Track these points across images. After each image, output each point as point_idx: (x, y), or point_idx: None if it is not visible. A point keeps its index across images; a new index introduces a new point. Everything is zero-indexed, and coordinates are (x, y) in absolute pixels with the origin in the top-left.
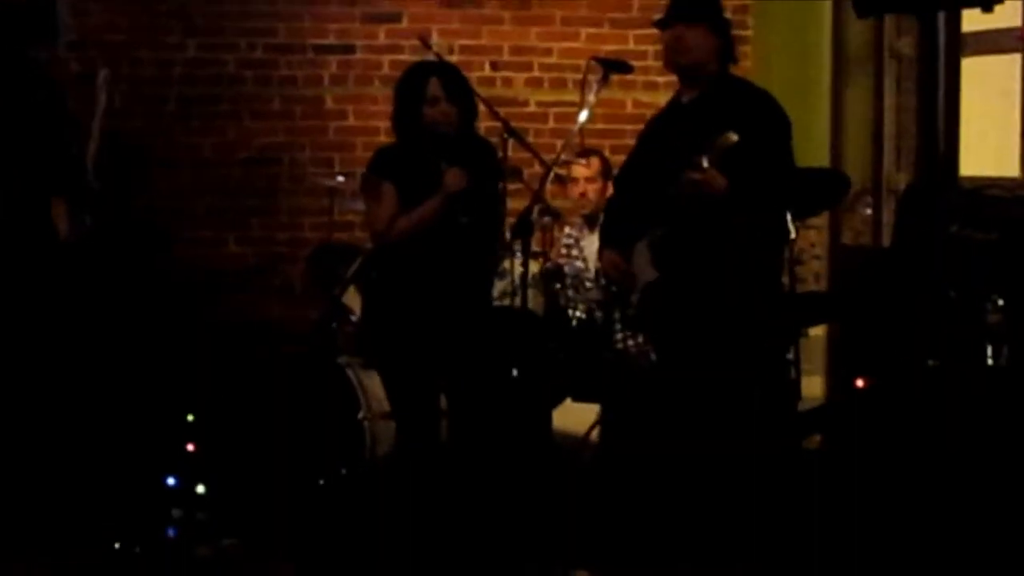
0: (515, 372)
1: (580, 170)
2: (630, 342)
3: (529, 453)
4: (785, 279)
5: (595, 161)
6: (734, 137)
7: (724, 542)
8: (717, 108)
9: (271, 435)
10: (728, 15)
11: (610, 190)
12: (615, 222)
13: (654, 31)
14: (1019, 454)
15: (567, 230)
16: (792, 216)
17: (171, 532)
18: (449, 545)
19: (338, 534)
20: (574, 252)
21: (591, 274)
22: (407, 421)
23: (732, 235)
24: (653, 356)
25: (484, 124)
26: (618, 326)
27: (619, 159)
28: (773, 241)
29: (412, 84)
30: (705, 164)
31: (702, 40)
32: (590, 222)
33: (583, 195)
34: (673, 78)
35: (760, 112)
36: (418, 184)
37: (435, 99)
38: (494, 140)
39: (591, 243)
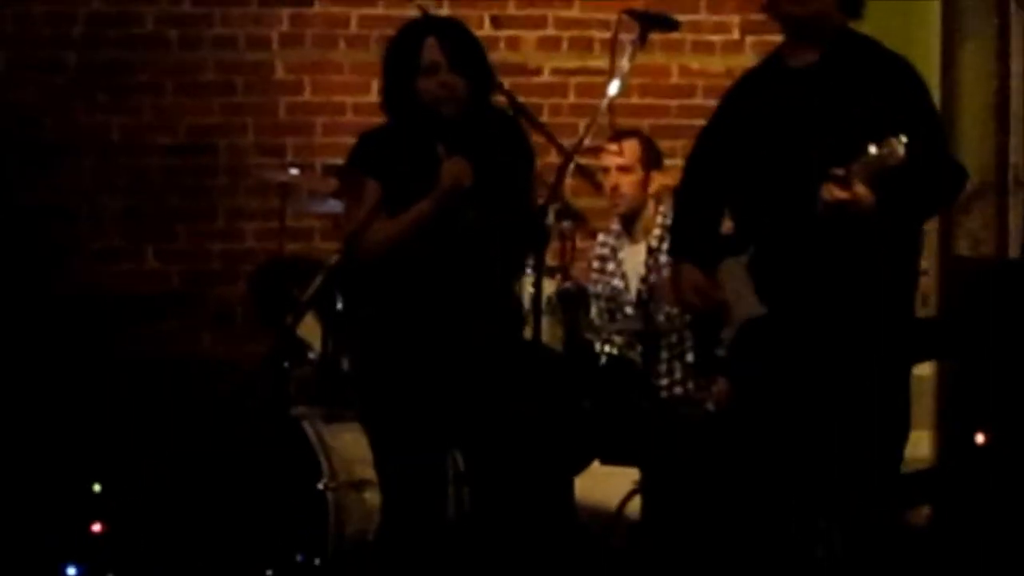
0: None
1: (612, 157)
2: (678, 388)
3: (546, 533)
4: None
5: (632, 145)
6: (901, 149)
7: None
8: (847, 79)
9: (204, 510)
10: None
11: (654, 182)
12: (690, 226)
13: None
14: None
15: (600, 237)
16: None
17: None
18: None
19: None
20: (609, 267)
21: (631, 296)
22: (403, 495)
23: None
24: (710, 406)
25: None
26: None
27: (664, 145)
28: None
29: (402, 49)
30: (843, 174)
31: None
32: (628, 226)
33: (615, 189)
34: (734, 36)
35: (904, 86)
36: (412, 181)
37: (433, 66)
38: None
39: (632, 255)
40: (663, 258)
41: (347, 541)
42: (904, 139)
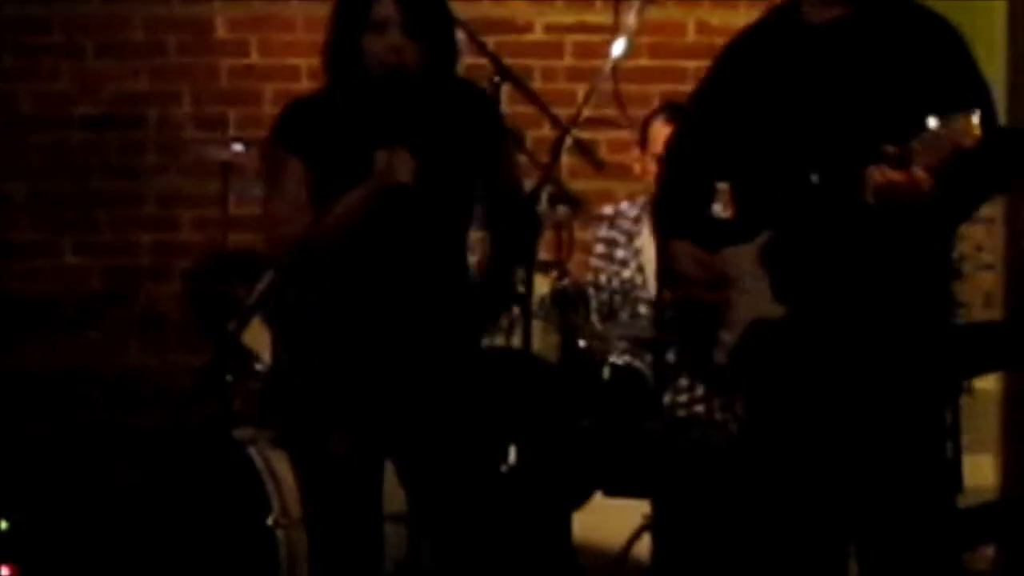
0: (512, 454)
1: (663, 128)
2: (698, 406)
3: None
4: None
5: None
6: (976, 128)
7: None
8: (881, 38)
9: (132, 551)
10: None
11: None
12: (682, 203)
13: None
14: None
15: (607, 210)
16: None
17: None
18: None
19: None
20: (619, 254)
21: (649, 292)
22: (336, 532)
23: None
24: (733, 428)
25: (466, 61)
26: (683, 381)
27: None
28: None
29: (351, 1)
30: (894, 152)
31: None
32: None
33: (651, 170)
34: None
35: (952, 51)
36: (344, 162)
37: (384, 23)
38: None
39: (653, 244)
40: None
41: None
42: (976, 116)
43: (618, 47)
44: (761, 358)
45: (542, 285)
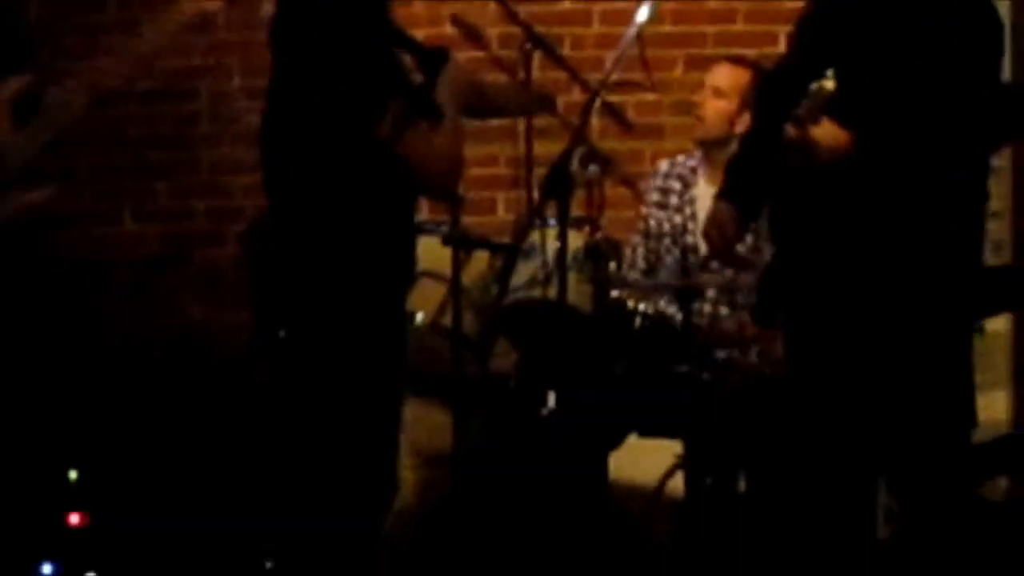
0: (551, 398)
1: (713, 76)
2: (722, 352)
3: (578, 514)
4: None
5: (738, 73)
6: (830, 85)
7: None
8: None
9: (198, 497)
10: None
11: (744, 122)
12: (748, 168)
13: None
14: None
15: (664, 166)
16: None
17: None
18: None
19: None
20: (672, 200)
21: (697, 239)
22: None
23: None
24: (768, 371)
25: (496, 30)
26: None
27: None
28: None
29: None
30: (800, 114)
31: None
32: (708, 160)
33: (699, 109)
34: None
35: (956, 9)
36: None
37: None
38: (509, 54)
39: (707, 195)
40: None
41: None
42: (830, 81)
43: (642, 14)
44: (768, 300)
45: (576, 240)
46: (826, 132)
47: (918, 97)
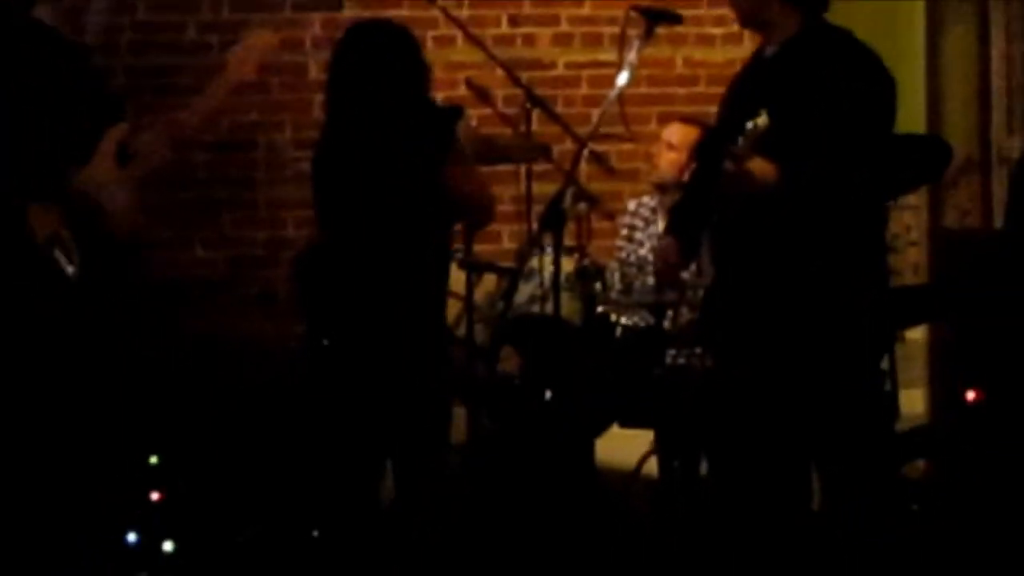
0: (548, 395)
1: (668, 133)
2: (681, 358)
3: (568, 491)
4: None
5: (687, 130)
6: (763, 121)
7: None
8: (799, 65)
9: (255, 477)
10: None
11: (690, 172)
12: (689, 207)
13: None
14: None
15: (631, 206)
16: (886, 198)
17: None
18: None
19: None
20: (637, 235)
21: (648, 271)
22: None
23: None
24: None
25: (502, 92)
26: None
27: None
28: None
29: None
30: (739, 147)
31: None
32: (664, 202)
33: (654, 159)
34: (734, 29)
35: (852, 72)
36: None
37: None
38: (513, 111)
39: (663, 227)
40: None
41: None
42: (764, 117)
43: (622, 78)
44: (708, 315)
45: (567, 264)
46: (758, 166)
47: (822, 141)
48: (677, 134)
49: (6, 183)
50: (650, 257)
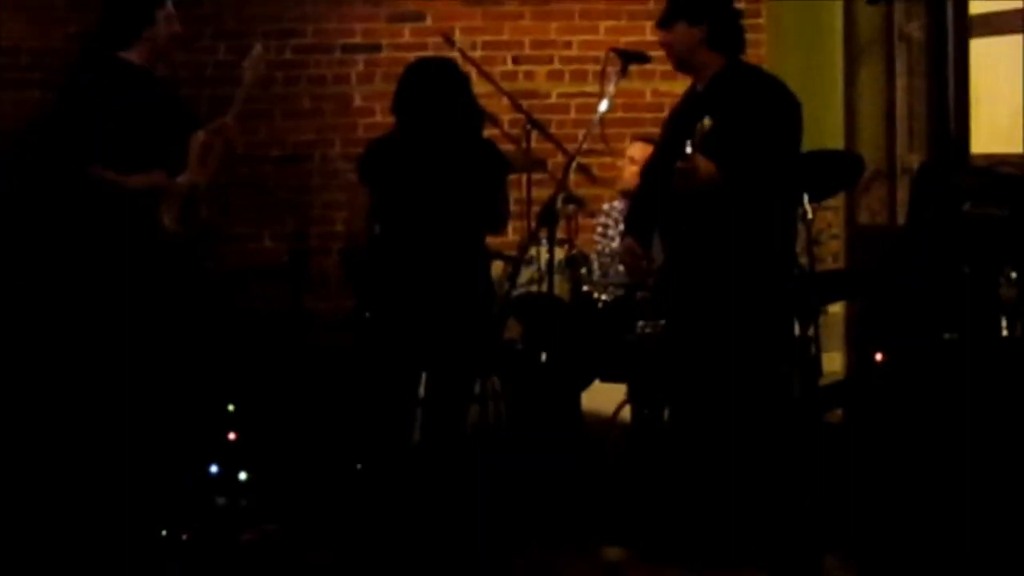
0: (544, 356)
1: (630, 150)
2: (648, 327)
3: (560, 432)
4: (804, 259)
5: (645, 148)
6: (708, 122)
7: (751, 511)
8: (724, 95)
9: (311, 422)
10: (741, 5)
11: None
12: (638, 211)
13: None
14: None
15: (605, 206)
16: (809, 198)
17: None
18: (487, 523)
19: (373, 518)
20: (609, 232)
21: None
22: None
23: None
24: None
25: (507, 117)
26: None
27: None
28: (773, 223)
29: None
30: (688, 151)
31: (681, 38)
32: (628, 203)
33: (620, 171)
34: None
35: (763, 97)
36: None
37: None
38: (516, 132)
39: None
40: None
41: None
42: (708, 120)
43: (603, 106)
44: (663, 291)
45: (559, 253)
46: (703, 163)
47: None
48: (638, 151)
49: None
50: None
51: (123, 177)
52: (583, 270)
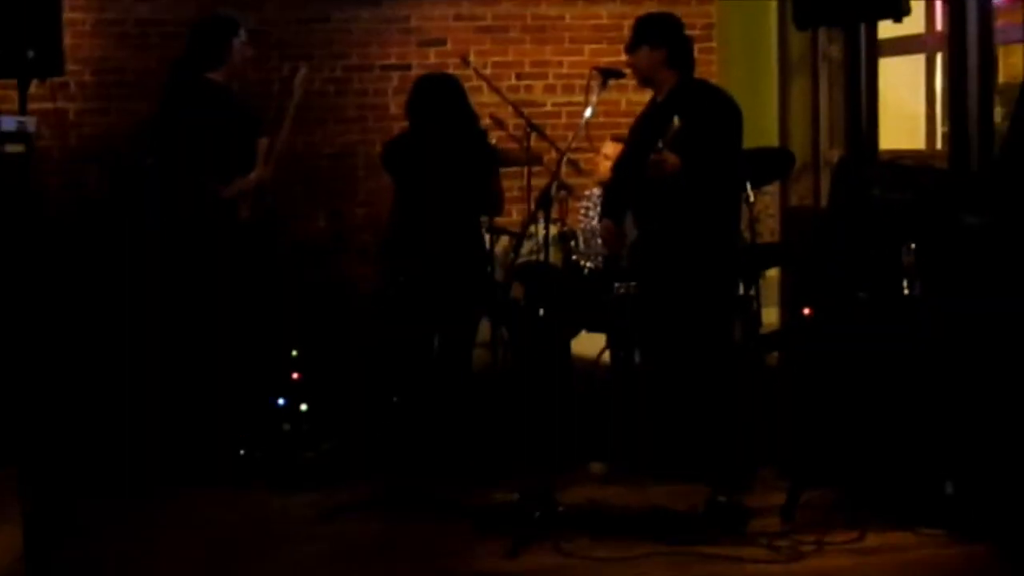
0: (541, 312)
1: (604, 147)
2: (623, 288)
3: (554, 372)
4: (747, 234)
5: (617, 147)
6: (677, 122)
7: (704, 432)
8: (680, 105)
9: (356, 364)
10: (696, 32)
11: None
12: (612, 197)
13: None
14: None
15: (587, 192)
16: (751, 185)
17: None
18: (497, 444)
19: (413, 439)
20: (591, 214)
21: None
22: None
23: (688, 202)
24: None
25: (512, 121)
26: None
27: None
28: (720, 205)
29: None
30: (660, 147)
31: (644, 60)
32: (603, 191)
33: (596, 166)
34: None
35: (712, 106)
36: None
37: None
38: (518, 133)
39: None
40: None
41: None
42: (677, 120)
43: (587, 113)
44: (636, 260)
45: (553, 230)
46: (670, 157)
47: (697, 152)
48: (610, 148)
49: (211, 179)
50: (598, 228)
51: (220, 188)
52: (572, 243)
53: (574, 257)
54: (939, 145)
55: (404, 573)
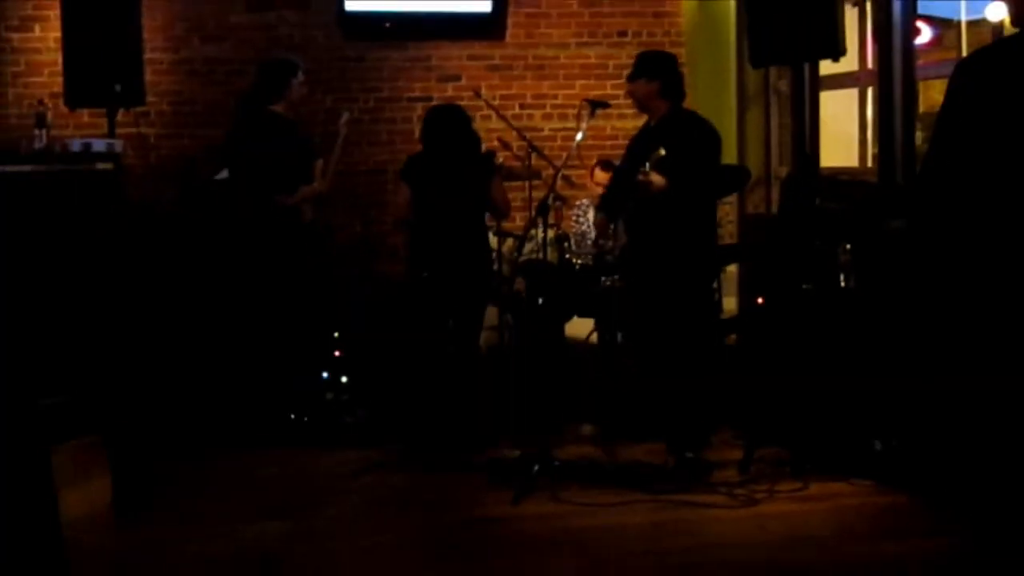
0: (540, 301)
1: (595, 175)
2: (609, 281)
3: (549, 351)
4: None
5: (607, 174)
6: (661, 151)
7: (673, 402)
8: (669, 130)
9: (387, 344)
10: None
11: None
12: (608, 200)
13: (624, 81)
14: (860, 343)
15: (579, 202)
16: (716, 197)
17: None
18: (501, 410)
19: (428, 405)
20: (580, 220)
21: (592, 235)
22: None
23: (673, 215)
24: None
25: (516, 144)
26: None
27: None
28: (703, 215)
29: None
30: (646, 169)
31: (642, 89)
32: (593, 204)
33: (589, 187)
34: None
35: (697, 134)
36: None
37: None
38: (521, 154)
39: (592, 216)
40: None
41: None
42: (662, 150)
43: (578, 137)
44: (626, 261)
45: (551, 233)
46: (656, 177)
47: (682, 172)
48: (600, 176)
49: (274, 192)
50: (590, 232)
51: (285, 196)
52: (566, 244)
53: (567, 256)
54: (870, 163)
55: (425, 519)
